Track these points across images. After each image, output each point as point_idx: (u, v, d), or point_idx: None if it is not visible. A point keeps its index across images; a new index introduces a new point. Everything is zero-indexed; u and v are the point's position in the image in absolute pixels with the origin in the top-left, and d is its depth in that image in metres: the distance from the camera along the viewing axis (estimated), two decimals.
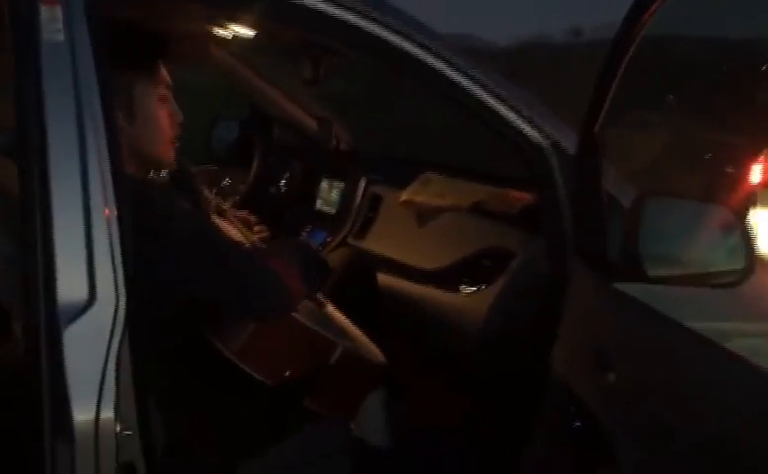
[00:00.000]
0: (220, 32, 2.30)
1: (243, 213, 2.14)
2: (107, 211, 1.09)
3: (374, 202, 2.51)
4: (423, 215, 2.31)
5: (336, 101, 3.13)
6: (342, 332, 1.65)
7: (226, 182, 2.97)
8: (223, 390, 1.48)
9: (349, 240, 2.52)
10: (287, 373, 1.47)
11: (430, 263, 2.21)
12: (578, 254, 1.58)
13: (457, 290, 2.09)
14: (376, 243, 2.44)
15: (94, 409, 1.04)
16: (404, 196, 2.33)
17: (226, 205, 2.82)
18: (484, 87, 1.69)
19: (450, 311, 2.10)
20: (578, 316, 1.60)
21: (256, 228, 2.46)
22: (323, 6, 1.44)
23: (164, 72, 1.45)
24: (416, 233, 2.31)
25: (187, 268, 1.35)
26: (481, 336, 1.99)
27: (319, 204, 2.77)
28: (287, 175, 2.95)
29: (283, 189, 2.94)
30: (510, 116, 1.73)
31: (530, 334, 1.84)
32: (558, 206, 1.77)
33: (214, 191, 2.99)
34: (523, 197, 2.14)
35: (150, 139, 1.40)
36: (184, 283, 1.35)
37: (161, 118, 1.41)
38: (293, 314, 1.47)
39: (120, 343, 1.06)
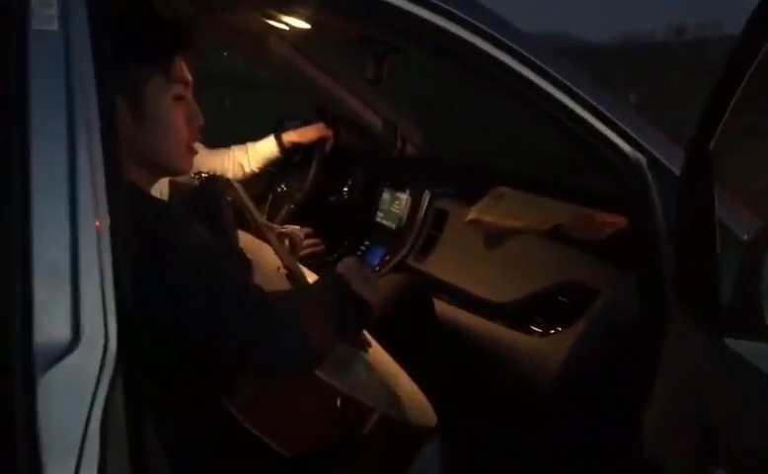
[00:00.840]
0: (276, 23, 2.08)
1: (292, 228, 1.89)
2: (97, 224, 0.89)
3: (439, 219, 2.21)
4: (493, 238, 2.00)
5: (406, 99, 2.85)
6: (384, 383, 1.38)
7: (281, 188, 2.73)
8: (235, 457, 1.23)
9: (409, 261, 2.24)
10: (309, 443, 1.21)
11: (498, 294, 1.90)
12: (680, 298, 1.34)
13: (528, 330, 1.78)
14: (438, 266, 2.14)
15: None
16: (471, 213, 2.03)
17: (276, 220, 2.62)
18: (573, 95, 1.44)
19: (518, 353, 1.78)
20: (677, 379, 1.36)
21: (307, 242, 2.23)
22: None
23: (182, 68, 1.23)
24: (483, 258, 2.00)
25: (183, 308, 1.11)
26: (553, 388, 1.67)
27: (380, 217, 2.50)
28: (349, 182, 2.69)
29: (344, 197, 2.68)
30: (602, 127, 1.48)
31: (614, 392, 1.53)
32: (656, 237, 1.50)
33: (270, 197, 2.78)
34: (613, 221, 1.80)
35: (161, 143, 1.19)
36: (181, 327, 1.11)
37: (175, 120, 1.20)
38: (318, 371, 1.20)
39: (109, 393, 0.85)
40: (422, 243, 2.22)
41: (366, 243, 2.46)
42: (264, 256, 1.57)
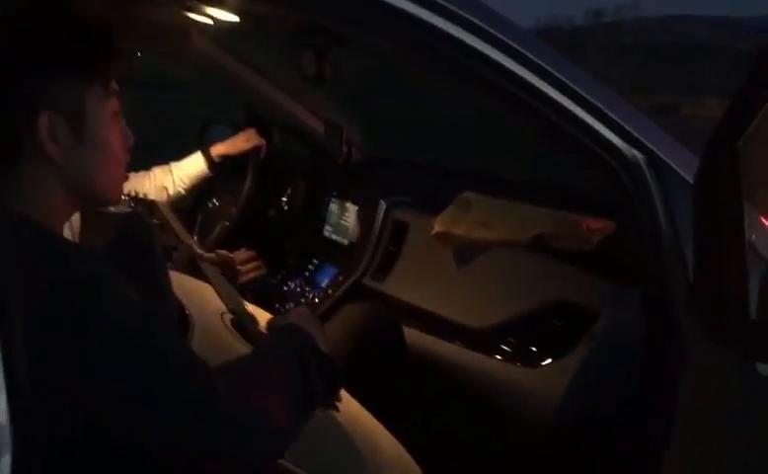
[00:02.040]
0: (198, 16, 1.79)
1: (224, 254, 1.60)
2: None
3: (398, 232, 1.94)
4: (464, 252, 1.74)
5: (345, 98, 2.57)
6: (363, 449, 1.13)
7: (213, 203, 2.42)
8: None
9: (366, 281, 1.96)
10: None
11: (475, 318, 1.65)
12: (696, 315, 1.16)
13: (513, 361, 1.53)
14: (400, 286, 1.88)
15: None
16: (437, 225, 1.76)
17: (208, 241, 2.31)
18: (558, 85, 1.25)
19: (507, 388, 1.53)
20: (701, 411, 1.23)
21: (246, 267, 1.94)
22: None
23: (115, 76, 1.02)
24: (453, 276, 1.74)
25: (107, 396, 0.86)
26: (552, 428, 1.44)
27: (328, 232, 2.22)
28: (288, 193, 2.40)
29: (284, 211, 2.38)
30: (591, 121, 1.27)
31: (625, 431, 1.32)
32: (659, 245, 1.34)
33: (200, 217, 2.47)
34: (600, 226, 1.58)
35: (101, 169, 1.00)
36: (101, 411, 0.86)
37: (114, 140, 1.01)
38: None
39: None
40: (380, 260, 1.95)
41: (315, 262, 2.18)
42: (203, 300, 1.29)
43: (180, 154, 2.31)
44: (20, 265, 0.84)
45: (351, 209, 2.11)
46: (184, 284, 1.28)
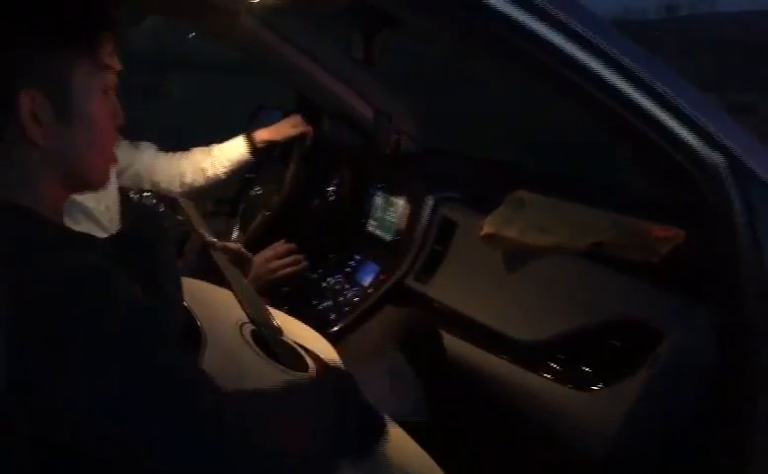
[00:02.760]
0: None
1: (231, 245, 1.49)
2: None
3: (445, 230, 1.80)
4: (515, 257, 1.59)
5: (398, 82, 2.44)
6: (389, 461, 0.99)
7: (256, 191, 2.32)
8: None
9: (409, 282, 1.83)
10: None
11: (524, 331, 1.50)
12: None
13: (563, 382, 1.38)
14: (445, 290, 1.74)
15: None
16: (487, 226, 1.62)
17: (249, 230, 2.22)
18: (629, 77, 1.05)
19: (555, 412, 1.38)
20: None
21: (284, 260, 1.83)
22: None
23: (111, 51, 0.93)
24: (503, 283, 1.59)
25: (93, 402, 0.73)
26: (598, 464, 1.28)
27: (372, 226, 2.09)
28: (334, 183, 2.28)
29: (328, 202, 2.27)
30: (665, 118, 1.13)
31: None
32: (737, 259, 1.19)
33: (242, 206, 2.38)
34: (669, 235, 1.41)
35: (89, 149, 0.91)
36: (83, 427, 0.73)
37: (102, 118, 0.91)
38: None
39: None
40: (424, 260, 1.81)
41: (357, 257, 2.06)
42: (219, 308, 1.17)
43: None
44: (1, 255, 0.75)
45: (397, 204, 1.98)
46: (198, 291, 1.16)
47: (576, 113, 1.34)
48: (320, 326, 1.95)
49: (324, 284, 2.04)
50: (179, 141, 2.30)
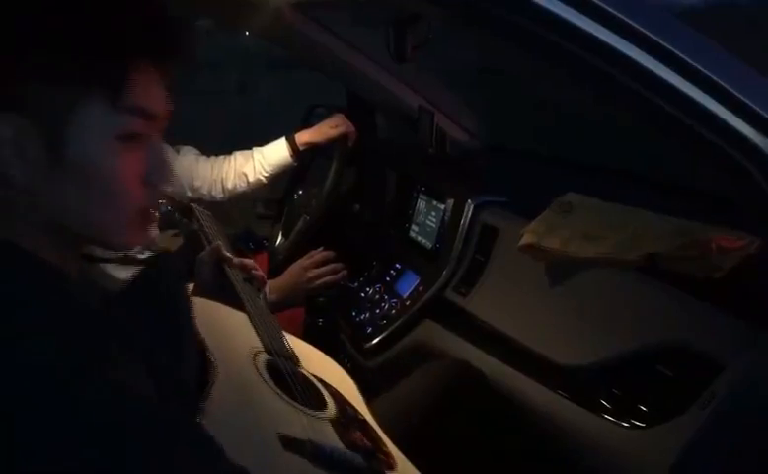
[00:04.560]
0: None
1: (249, 263, 1.37)
2: None
3: (486, 238, 1.64)
4: (558, 269, 1.42)
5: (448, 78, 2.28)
6: None
7: (297, 196, 2.22)
8: None
9: (448, 294, 1.68)
10: None
11: (565, 354, 1.32)
12: None
13: (608, 414, 1.19)
14: (485, 305, 1.58)
15: None
16: (526, 235, 1.45)
17: (291, 236, 2.12)
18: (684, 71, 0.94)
19: (593, 447, 1.21)
20: None
21: (321, 270, 1.73)
22: None
23: (149, 88, 0.70)
24: (545, 298, 1.42)
25: None
26: None
27: (413, 233, 1.95)
28: (377, 186, 2.16)
29: (371, 206, 2.14)
30: (727, 115, 0.94)
31: None
32: None
33: (285, 209, 2.28)
34: (735, 246, 1.21)
35: (84, 202, 0.69)
36: None
37: (114, 173, 0.69)
38: None
39: None
40: (465, 271, 1.66)
41: (397, 266, 1.92)
42: (232, 335, 1.06)
43: None
44: None
45: (439, 208, 1.83)
46: (210, 315, 1.06)
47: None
48: (356, 339, 1.84)
49: (362, 295, 1.92)
50: (265, 137, 2.22)
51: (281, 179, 2.23)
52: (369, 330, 1.80)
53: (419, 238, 1.90)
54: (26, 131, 0.65)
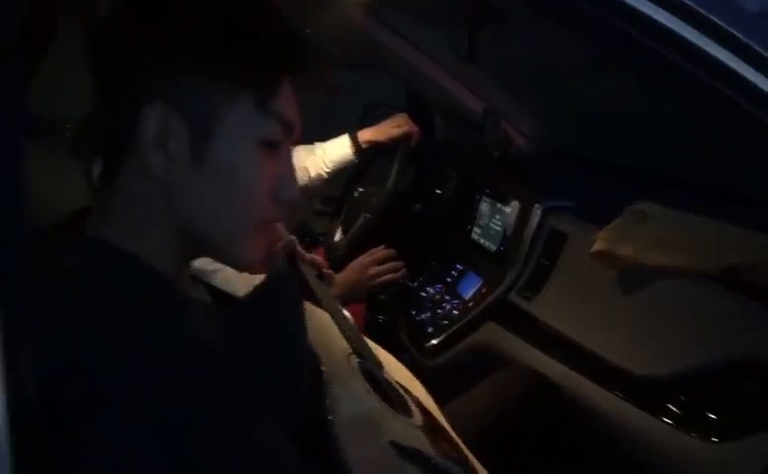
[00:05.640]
0: None
1: (319, 261, 1.36)
2: None
3: (554, 243, 1.63)
4: (632, 278, 1.40)
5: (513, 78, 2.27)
6: None
7: (357, 193, 2.23)
8: None
9: (512, 297, 1.67)
10: None
11: (639, 364, 1.30)
12: None
13: (684, 427, 1.18)
14: (551, 309, 1.56)
15: None
16: (599, 241, 1.43)
17: (350, 233, 2.12)
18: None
19: (667, 461, 1.19)
20: None
21: (381, 268, 1.73)
22: None
23: (289, 99, 0.73)
24: (617, 307, 1.40)
25: None
26: None
27: (476, 235, 1.94)
28: (440, 187, 2.15)
29: (432, 206, 2.14)
30: None
31: None
32: None
33: (345, 206, 2.29)
34: None
35: (217, 207, 0.70)
36: None
37: (250, 179, 0.70)
38: None
39: None
40: (530, 275, 1.65)
41: (459, 267, 1.92)
42: (327, 337, 1.04)
43: None
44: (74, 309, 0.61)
45: (504, 211, 1.82)
46: (317, 325, 1.05)
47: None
48: (416, 338, 1.84)
49: (423, 294, 1.92)
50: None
51: (340, 175, 2.24)
52: (430, 329, 1.80)
53: (481, 240, 1.89)
54: (173, 123, 0.66)
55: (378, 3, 1.98)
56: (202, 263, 0.96)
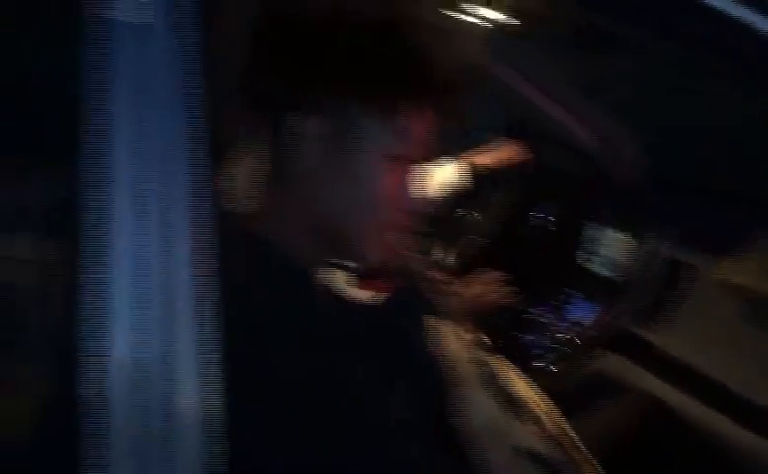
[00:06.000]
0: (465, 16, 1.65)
1: (441, 277, 1.40)
2: None
3: (675, 272, 1.63)
4: (760, 308, 1.40)
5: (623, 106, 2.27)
6: None
7: (461, 215, 2.27)
8: None
9: (630, 326, 1.67)
10: None
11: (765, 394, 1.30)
12: None
13: None
14: (674, 339, 1.56)
15: None
16: (723, 270, 1.43)
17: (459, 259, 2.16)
18: None
19: None
20: None
21: (486, 290, 1.76)
22: None
23: (420, 121, 0.80)
24: (744, 337, 1.40)
25: None
26: None
27: (583, 259, 1.95)
28: (547, 211, 2.17)
29: (539, 231, 2.16)
30: None
31: None
32: None
33: (443, 227, 2.33)
34: None
35: (350, 207, 0.79)
36: None
37: (373, 187, 0.78)
38: None
39: None
40: (651, 304, 1.65)
41: (567, 292, 1.93)
42: (454, 349, 1.10)
43: None
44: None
45: (619, 239, 1.83)
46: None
47: None
48: (523, 360, 1.85)
49: (530, 318, 1.94)
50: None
51: (450, 199, 2.27)
52: (537, 352, 1.82)
53: (594, 267, 1.90)
54: (325, 133, 0.75)
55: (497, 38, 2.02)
56: None
